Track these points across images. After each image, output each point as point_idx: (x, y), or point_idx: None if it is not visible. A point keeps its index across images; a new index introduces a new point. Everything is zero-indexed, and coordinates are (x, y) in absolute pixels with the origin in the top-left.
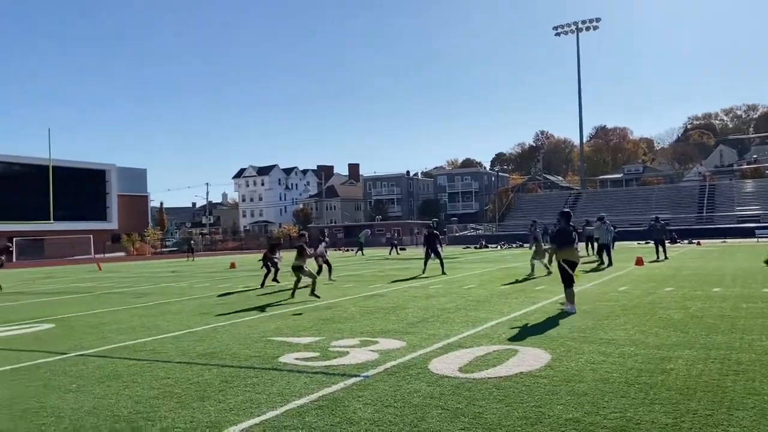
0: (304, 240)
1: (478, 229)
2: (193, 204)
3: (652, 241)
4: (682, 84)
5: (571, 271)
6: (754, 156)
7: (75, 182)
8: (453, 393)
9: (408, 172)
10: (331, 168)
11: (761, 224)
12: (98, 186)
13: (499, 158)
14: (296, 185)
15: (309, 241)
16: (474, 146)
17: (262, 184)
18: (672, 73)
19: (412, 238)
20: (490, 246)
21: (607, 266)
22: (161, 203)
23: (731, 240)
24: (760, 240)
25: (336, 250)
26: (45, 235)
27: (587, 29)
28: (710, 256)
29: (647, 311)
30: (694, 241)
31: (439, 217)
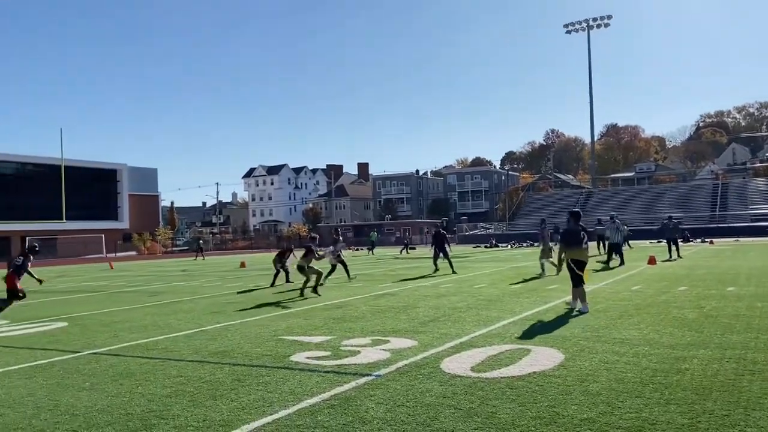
0: (314, 242)
1: (488, 228)
2: (204, 203)
3: (665, 240)
4: (693, 81)
5: (580, 271)
6: (767, 154)
7: (87, 182)
8: (466, 392)
9: (417, 171)
10: (341, 167)
11: None
12: (110, 186)
13: (509, 157)
14: (306, 184)
15: (319, 244)
16: (484, 145)
17: (272, 183)
18: (684, 71)
19: (421, 237)
20: (500, 245)
21: (619, 265)
22: (172, 203)
23: (744, 239)
24: None
25: (346, 249)
26: (57, 235)
27: (598, 27)
28: (723, 255)
29: (661, 310)
30: (706, 240)
31: (448, 216)
